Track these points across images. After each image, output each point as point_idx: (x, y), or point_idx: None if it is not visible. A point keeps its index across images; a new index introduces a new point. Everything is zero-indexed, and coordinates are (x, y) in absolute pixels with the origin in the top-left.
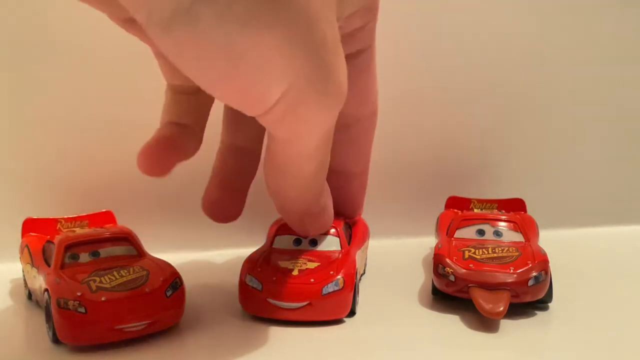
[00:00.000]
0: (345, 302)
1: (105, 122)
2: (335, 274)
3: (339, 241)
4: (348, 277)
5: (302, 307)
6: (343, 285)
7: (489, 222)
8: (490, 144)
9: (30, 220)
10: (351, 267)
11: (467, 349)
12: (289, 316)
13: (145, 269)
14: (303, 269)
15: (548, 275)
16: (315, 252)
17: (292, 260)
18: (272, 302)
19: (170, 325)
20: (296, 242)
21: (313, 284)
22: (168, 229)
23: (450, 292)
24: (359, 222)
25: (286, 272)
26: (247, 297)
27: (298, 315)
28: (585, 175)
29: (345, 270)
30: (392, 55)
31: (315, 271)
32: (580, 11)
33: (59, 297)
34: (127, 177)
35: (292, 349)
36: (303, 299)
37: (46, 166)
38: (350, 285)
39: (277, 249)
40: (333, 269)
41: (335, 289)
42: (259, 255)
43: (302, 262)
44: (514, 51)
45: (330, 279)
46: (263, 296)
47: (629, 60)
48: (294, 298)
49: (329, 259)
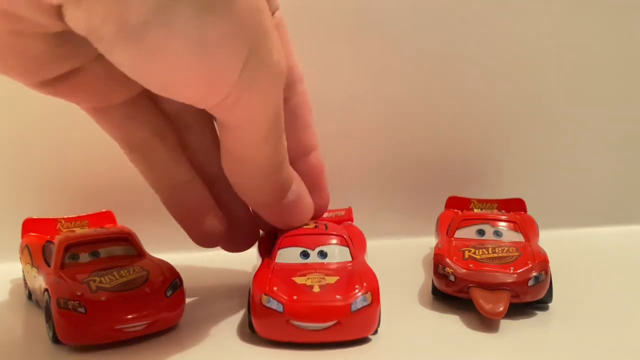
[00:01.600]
0: (374, 317)
1: None
2: (361, 288)
3: (348, 251)
4: (374, 290)
5: (330, 327)
6: (371, 300)
7: (489, 222)
8: (490, 144)
9: (30, 220)
10: (374, 280)
11: (467, 349)
12: (315, 338)
13: (145, 269)
14: (323, 284)
15: (548, 275)
16: (329, 264)
17: (307, 275)
18: (295, 324)
19: (170, 325)
20: (304, 255)
21: (340, 301)
22: (168, 229)
23: (450, 292)
24: (353, 228)
25: (306, 290)
26: (264, 321)
27: (324, 337)
28: (585, 175)
29: (368, 284)
30: (392, 55)
31: (338, 286)
32: (581, 12)
33: (59, 297)
34: (127, 177)
35: (291, 345)
36: (331, 318)
37: (46, 166)
38: (377, 299)
39: (284, 264)
40: (356, 282)
41: (364, 304)
42: (267, 272)
43: (319, 277)
44: (515, 51)
45: (357, 294)
46: (285, 318)
47: (629, 61)
48: (320, 318)
49: (346, 272)
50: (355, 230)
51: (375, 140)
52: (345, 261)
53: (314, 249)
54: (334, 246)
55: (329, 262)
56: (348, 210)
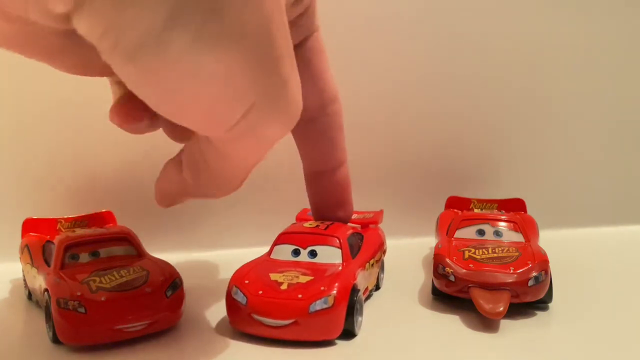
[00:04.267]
0: (336, 322)
1: (106, 122)
2: (327, 290)
3: (340, 253)
4: (341, 294)
5: (288, 325)
6: (333, 303)
7: (489, 222)
8: (490, 144)
9: (30, 220)
10: (347, 283)
11: (467, 349)
12: (274, 334)
13: (145, 269)
14: (293, 282)
15: (548, 275)
16: (313, 264)
17: (284, 272)
18: (256, 317)
19: (170, 325)
20: (294, 253)
21: (300, 300)
22: (168, 229)
23: (450, 292)
24: (374, 231)
25: (274, 286)
26: (232, 311)
27: (283, 334)
28: (585, 175)
29: (339, 286)
30: (393, 56)
31: (306, 286)
32: (581, 12)
33: (59, 297)
34: (127, 177)
35: (290, 347)
36: (288, 316)
37: (46, 166)
38: (341, 303)
39: (274, 259)
40: (325, 284)
41: (324, 306)
42: (252, 265)
43: (294, 275)
44: (515, 52)
45: (319, 296)
46: (247, 311)
47: (629, 61)
48: (279, 315)
49: (324, 273)
50: (374, 233)
51: (375, 141)
52: (334, 263)
53: (306, 248)
54: (326, 247)
55: (316, 262)
56: (378, 212)
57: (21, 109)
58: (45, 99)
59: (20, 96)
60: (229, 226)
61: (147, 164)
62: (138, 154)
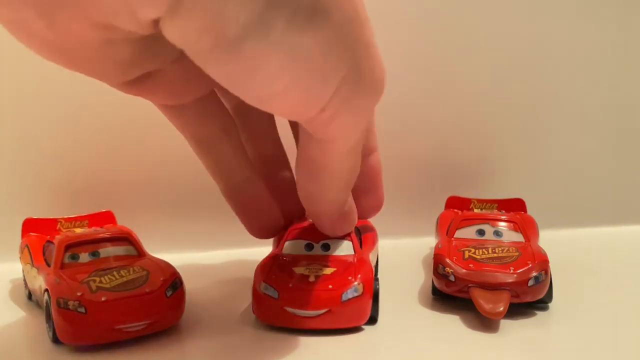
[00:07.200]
0: (365, 308)
1: (106, 122)
2: (354, 279)
3: (351, 245)
4: (367, 282)
5: (321, 315)
6: (362, 291)
7: (489, 222)
8: (490, 144)
9: (30, 220)
10: (369, 272)
11: (467, 349)
12: (307, 324)
13: (145, 269)
14: (320, 274)
15: (548, 275)
16: (330, 257)
17: (306, 266)
18: (289, 310)
19: (170, 325)
20: (308, 247)
21: (332, 290)
22: (168, 229)
23: (450, 292)
24: (367, 225)
25: (302, 279)
26: (262, 306)
27: (317, 324)
28: (585, 175)
29: (363, 276)
30: (393, 56)
31: (332, 277)
32: (580, 12)
33: (59, 297)
34: (127, 177)
35: (290, 347)
36: (322, 306)
37: (46, 166)
38: (369, 291)
39: (288, 254)
40: (351, 274)
41: (355, 294)
42: (271, 261)
43: (317, 267)
44: (515, 52)
45: (349, 285)
46: (280, 304)
47: (628, 61)
48: (312, 305)
49: (344, 264)
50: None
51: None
52: (348, 255)
53: (319, 242)
54: (338, 240)
55: (331, 254)
56: None
57: (22, 109)
58: (46, 99)
59: (20, 96)
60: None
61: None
62: (138, 154)
